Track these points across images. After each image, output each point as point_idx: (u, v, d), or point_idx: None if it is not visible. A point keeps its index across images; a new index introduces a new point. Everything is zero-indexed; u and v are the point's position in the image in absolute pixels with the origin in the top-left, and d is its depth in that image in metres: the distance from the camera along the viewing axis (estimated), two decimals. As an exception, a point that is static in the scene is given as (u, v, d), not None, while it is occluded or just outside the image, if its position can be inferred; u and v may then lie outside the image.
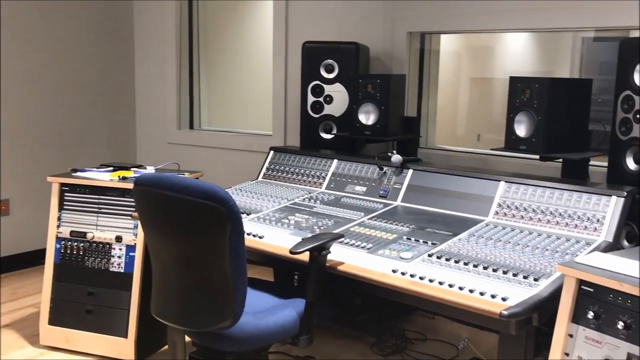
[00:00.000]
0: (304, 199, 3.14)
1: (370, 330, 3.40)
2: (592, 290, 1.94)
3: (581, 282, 1.96)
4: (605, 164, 2.84)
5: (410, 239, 2.56)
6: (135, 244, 3.13)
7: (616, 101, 2.73)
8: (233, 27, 5.39)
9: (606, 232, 2.42)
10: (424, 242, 2.52)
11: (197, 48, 4.94)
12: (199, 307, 2.20)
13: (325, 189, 3.27)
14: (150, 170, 3.47)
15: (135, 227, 3.13)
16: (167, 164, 3.62)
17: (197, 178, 3.28)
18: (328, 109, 3.64)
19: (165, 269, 2.27)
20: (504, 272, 2.19)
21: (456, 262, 2.31)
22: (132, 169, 3.43)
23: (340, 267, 2.37)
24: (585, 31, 4.46)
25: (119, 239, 3.15)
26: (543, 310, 2.03)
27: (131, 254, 3.13)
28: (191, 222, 2.10)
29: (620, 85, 2.71)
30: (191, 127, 4.96)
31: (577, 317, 1.97)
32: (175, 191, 2.08)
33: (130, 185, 3.07)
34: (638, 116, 2.61)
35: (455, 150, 3.89)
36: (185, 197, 2.06)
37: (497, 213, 2.71)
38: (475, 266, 2.27)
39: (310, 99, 3.67)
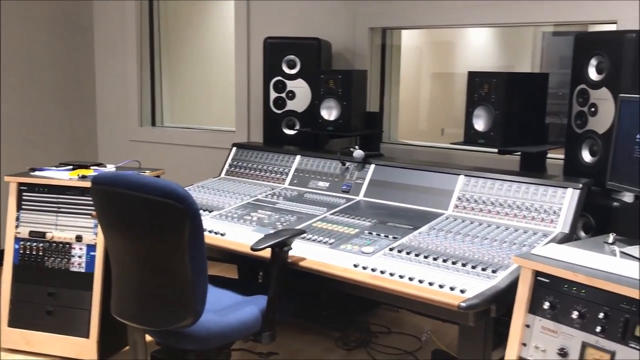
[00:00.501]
0: (266, 195, 3.13)
1: (335, 325, 3.41)
2: (547, 281, 1.98)
3: (537, 273, 2.00)
4: (563, 156, 2.89)
5: (371, 233, 2.58)
6: (95, 243, 3.08)
7: (571, 95, 2.78)
8: (195, 22, 5.35)
9: (562, 223, 2.47)
10: (385, 236, 2.54)
11: (158, 44, 4.89)
12: (159, 306, 2.18)
13: (288, 185, 3.27)
14: (110, 168, 3.43)
15: (96, 226, 3.09)
16: (128, 161, 3.58)
17: (158, 176, 3.28)
18: (290, 105, 3.64)
19: (125, 269, 2.25)
20: (463, 265, 2.23)
21: (416, 255, 2.34)
22: (91, 167, 3.39)
23: (302, 263, 2.37)
24: (545, 26, 4.54)
25: (79, 238, 3.11)
26: (501, 302, 2.06)
27: (92, 253, 3.09)
28: (149, 220, 2.08)
29: (575, 80, 2.76)
30: (153, 124, 4.91)
31: (534, 307, 2.01)
32: (133, 189, 2.06)
33: (89, 184, 3.02)
34: (593, 109, 2.67)
35: (417, 145, 3.93)
36: (142, 195, 2.04)
37: (456, 206, 2.74)
38: (435, 259, 2.29)
39: (273, 94, 3.66)
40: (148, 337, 2.34)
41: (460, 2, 3.45)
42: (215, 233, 2.68)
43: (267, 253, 2.33)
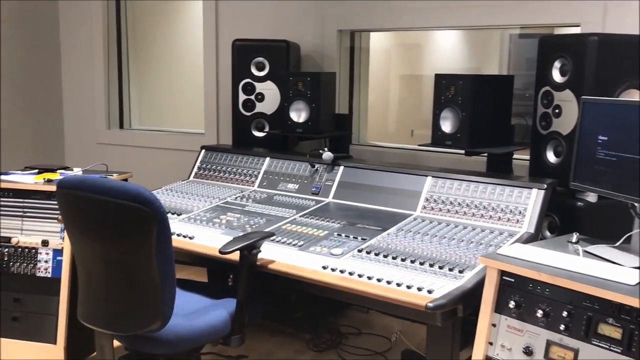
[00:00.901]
0: (235, 198, 3.12)
1: (306, 327, 3.42)
2: (513, 280, 2.01)
3: (503, 273, 2.03)
4: (529, 157, 2.94)
5: (340, 235, 2.59)
6: (62, 247, 3.04)
7: (536, 96, 2.83)
8: (163, 24, 5.31)
9: (528, 223, 2.51)
10: (354, 237, 2.55)
11: (126, 45, 4.84)
12: (126, 311, 2.16)
13: (258, 187, 3.27)
14: (77, 171, 3.39)
15: (62, 230, 3.05)
16: (95, 165, 3.54)
17: (126, 179, 3.25)
18: (260, 107, 3.63)
19: (91, 273, 2.23)
20: (431, 265, 2.25)
21: (385, 256, 2.35)
22: (58, 171, 3.34)
23: (271, 266, 2.37)
24: (512, 28, 4.60)
25: (45, 243, 3.06)
26: (468, 301, 2.08)
27: (58, 258, 3.05)
28: (116, 224, 2.06)
29: (540, 81, 2.81)
30: (121, 126, 4.86)
31: (500, 307, 2.04)
32: (99, 193, 2.04)
33: (55, 188, 2.98)
34: (557, 111, 2.71)
35: (386, 147, 3.95)
36: (109, 199, 2.02)
37: (424, 207, 2.77)
38: (403, 260, 2.31)
39: (242, 97, 3.65)
40: (116, 342, 2.32)
41: (427, 5, 3.48)
42: (184, 236, 2.66)
43: (236, 256, 2.33)
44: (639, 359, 1.72)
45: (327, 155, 3.12)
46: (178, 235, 2.66)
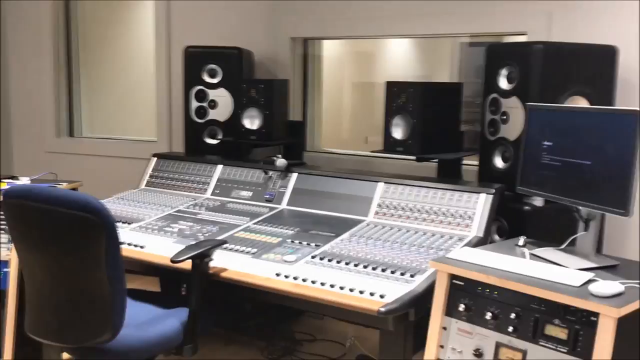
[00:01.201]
0: (188, 206, 3.10)
1: (261, 335, 3.40)
2: (462, 283, 2.05)
3: (452, 277, 2.07)
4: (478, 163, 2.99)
5: (294, 241, 2.59)
6: (9, 259, 2.96)
7: (484, 103, 2.89)
8: (114, 30, 5.23)
9: (477, 227, 2.55)
10: (307, 244, 2.56)
11: (76, 51, 4.75)
12: (75, 322, 2.12)
13: (211, 195, 3.24)
14: (24, 181, 3.30)
15: (10, 241, 2.96)
16: (44, 174, 3.46)
17: (76, 188, 3.19)
18: (213, 114, 3.61)
19: (39, 284, 2.17)
20: (383, 270, 2.27)
21: (338, 262, 2.37)
22: (4, 180, 3.25)
23: (223, 274, 2.36)
24: (461, 37, 4.69)
25: (-10, 254, 2.98)
26: (419, 305, 2.11)
27: (5, 269, 2.97)
28: (64, 234, 2.02)
29: (487, 89, 2.87)
30: (71, 134, 4.76)
31: (450, 310, 2.07)
32: (46, 203, 2.00)
33: (1, 198, 2.90)
34: (504, 117, 2.77)
35: (339, 153, 3.97)
36: (56, 208, 1.98)
37: (377, 213, 2.79)
38: (356, 265, 2.33)
39: (194, 104, 3.62)
40: (65, 355, 2.27)
41: (380, 13, 3.52)
42: (135, 246, 2.63)
43: (188, 265, 2.31)
44: (584, 358, 1.77)
45: (281, 162, 3.12)
46: (129, 244, 2.63)
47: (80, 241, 2.00)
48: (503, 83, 2.78)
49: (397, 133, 2.96)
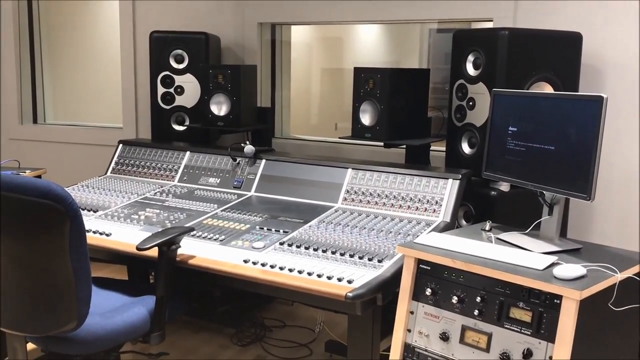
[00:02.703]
0: (155, 193, 3.07)
1: (230, 322, 3.40)
2: (429, 268, 2.06)
3: (419, 261, 2.08)
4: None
5: (263, 228, 2.59)
6: (-29, 248, 2.90)
7: (451, 89, 2.91)
8: (80, 15, 5.13)
9: (444, 212, 2.58)
10: (276, 230, 2.55)
11: (39, 37, 4.65)
12: (40, 311, 2.08)
13: (178, 182, 3.22)
14: (-14, 168, 3.24)
15: (-29, 230, 2.90)
16: (6, 161, 3.39)
17: (40, 176, 3.13)
18: (179, 100, 3.57)
19: (2, 273, 2.13)
20: (351, 256, 2.28)
21: (306, 248, 2.37)
22: (-35, 168, 3.18)
23: (191, 261, 2.34)
24: (429, 23, 4.70)
25: (-49, 244, 2.91)
26: (386, 290, 2.12)
27: (-33, 259, 2.90)
28: (27, 222, 1.98)
29: (454, 75, 2.89)
30: (35, 121, 4.67)
31: (417, 294, 2.09)
32: (8, 190, 1.96)
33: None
34: (471, 103, 2.80)
35: (308, 140, 3.97)
36: (18, 196, 1.94)
37: (345, 199, 2.80)
38: (324, 251, 2.33)
39: (161, 90, 3.58)
40: (30, 345, 2.24)
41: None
42: (100, 234, 2.59)
43: (155, 252, 2.28)
44: (548, 340, 1.80)
45: (249, 148, 3.10)
46: (94, 232, 2.59)
47: (44, 229, 1.97)
48: (470, 69, 2.81)
49: (365, 119, 2.96)
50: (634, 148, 2.98)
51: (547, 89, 2.73)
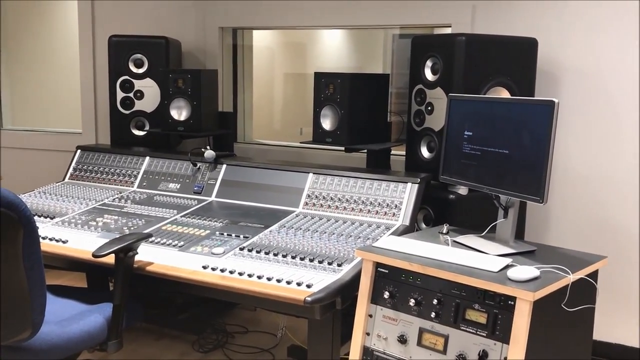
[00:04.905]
0: (114, 199, 3.03)
1: (192, 328, 3.37)
2: (387, 271, 2.08)
3: (378, 265, 2.10)
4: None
5: (223, 234, 2.57)
6: None
7: (410, 94, 2.93)
8: (37, 19, 5.05)
9: (403, 216, 2.60)
10: (236, 236, 2.54)
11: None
12: (-8, 321, 2.04)
13: (137, 187, 3.18)
14: (-61, 175, 3.16)
15: None
16: (-40, 168, 3.32)
17: (-6, 182, 3.06)
18: (139, 105, 3.54)
19: (-47, 283, 2.08)
20: (311, 260, 2.28)
21: (266, 253, 2.36)
22: None
23: (149, 268, 2.32)
24: (393, 28, 4.74)
25: None
26: (346, 294, 2.13)
27: None
28: (-23, 229, 1.94)
29: (413, 80, 2.92)
30: (-9, 126, 4.58)
31: (375, 297, 2.10)
32: (-43, 197, 1.91)
33: None
34: (429, 108, 2.83)
35: (271, 145, 3.97)
36: (-31, 203, 1.89)
37: (306, 204, 2.80)
38: (284, 256, 2.33)
39: (120, 94, 3.53)
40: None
41: (309, 4, 3.52)
42: (57, 241, 2.55)
43: (112, 259, 2.25)
44: (502, 341, 1.83)
45: (209, 153, 3.09)
46: (50, 239, 2.55)
47: (-4, 237, 1.92)
48: (428, 74, 2.84)
49: (326, 124, 2.98)
50: (589, 152, 3.05)
51: (504, 93, 2.78)
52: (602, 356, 3.05)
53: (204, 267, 2.28)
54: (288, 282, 2.13)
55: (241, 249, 2.42)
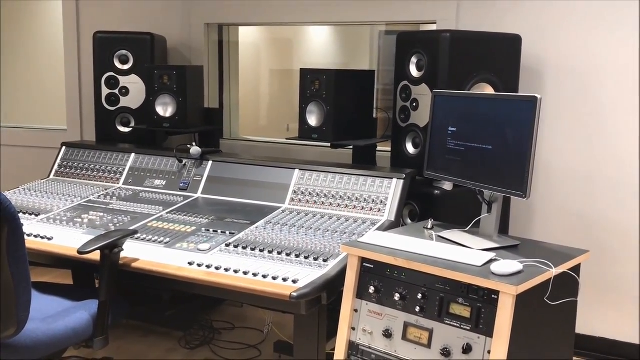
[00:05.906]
0: (99, 196, 3.02)
1: (178, 325, 3.37)
2: (372, 266, 2.09)
3: (363, 260, 2.11)
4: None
5: (209, 230, 2.58)
6: None
7: (396, 91, 2.95)
8: (22, 16, 5.01)
9: (389, 211, 2.61)
10: (222, 232, 2.55)
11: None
12: (-23, 318, 2.03)
13: (123, 184, 3.17)
14: None
15: None
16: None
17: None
18: (124, 101, 3.52)
19: (-63, 280, 2.07)
20: (297, 256, 2.29)
21: (252, 249, 2.37)
22: None
23: (134, 264, 2.32)
24: (378, 25, 4.76)
25: None
26: (331, 289, 2.14)
27: None
28: (-39, 227, 1.93)
29: (398, 76, 2.93)
30: (-25, 123, 4.54)
31: (361, 292, 2.12)
32: (-59, 194, 1.90)
33: None
34: (414, 104, 2.84)
35: (257, 141, 3.97)
36: (-48, 200, 1.89)
37: (292, 200, 2.81)
38: (270, 252, 2.34)
39: (105, 91, 3.52)
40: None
41: (294, 1, 3.52)
42: (42, 237, 2.54)
43: (97, 256, 2.25)
44: (486, 335, 1.85)
45: (195, 150, 3.09)
46: (35, 236, 2.54)
47: (-21, 234, 1.92)
48: (413, 70, 2.85)
49: (312, 120, 2.98)
50: (572, 147, 3.08)
51: (488, 90, 2.80)
52: (584, 349, 3.09)
53: (190, 264, 2.28)
54: (274, 278, 2.14)
55: (227, 245, 2.42)
